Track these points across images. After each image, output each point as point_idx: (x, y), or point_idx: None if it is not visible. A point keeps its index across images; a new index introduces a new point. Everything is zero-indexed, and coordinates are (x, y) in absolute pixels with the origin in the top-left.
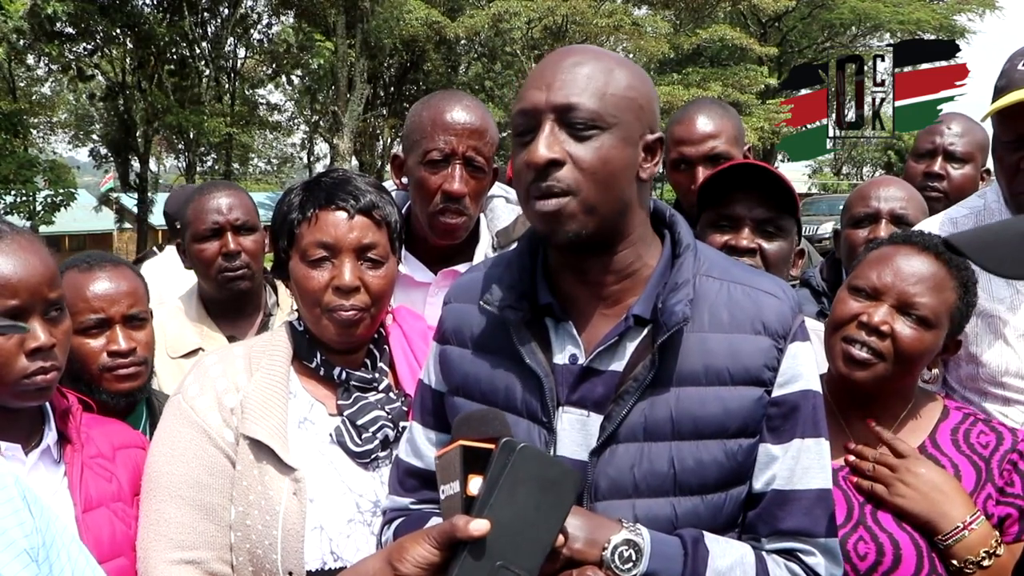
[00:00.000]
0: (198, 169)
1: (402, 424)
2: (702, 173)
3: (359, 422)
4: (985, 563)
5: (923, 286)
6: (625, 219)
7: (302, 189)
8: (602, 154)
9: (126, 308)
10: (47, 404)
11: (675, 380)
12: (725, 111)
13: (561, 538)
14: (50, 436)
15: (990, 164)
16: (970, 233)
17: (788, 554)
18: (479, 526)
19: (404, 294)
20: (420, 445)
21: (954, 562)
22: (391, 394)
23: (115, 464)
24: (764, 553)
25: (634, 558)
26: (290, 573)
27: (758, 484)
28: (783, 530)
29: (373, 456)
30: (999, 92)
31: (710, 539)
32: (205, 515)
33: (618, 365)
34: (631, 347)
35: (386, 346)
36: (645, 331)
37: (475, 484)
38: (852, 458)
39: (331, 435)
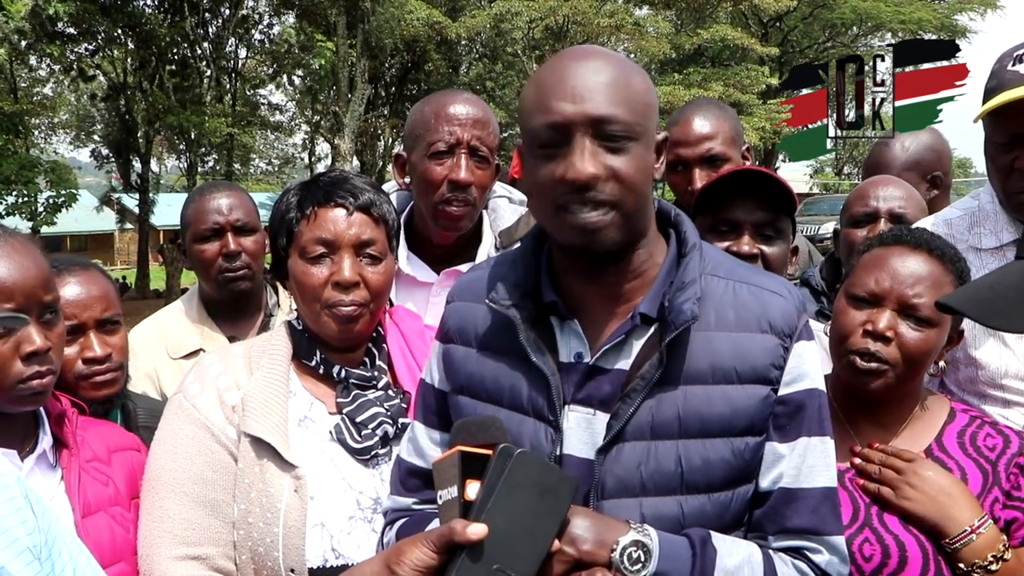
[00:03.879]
0: (199, 170)
1: (401, 421)
2: (698, 174)
3: (358, 419)
4: (992, 567)
5: (922, 286)
6: (645, 222)
7: (300, 188)
8: (637, 164)
9: (99, 313)
10: (42, 408)
11: (682, 379)
12: (722, 111)
13: (558, 542)
14: (45, 441)
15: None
16: (965, 292)
17: (795, 552)
18: (477, 530)
19: (407, 294)
20: (423, 445)
21: (961, 566)
22: (390, 391)
23: (111, 467)
24: (771, 552)
25: (643, 559)
26: (292, 571)
27: (764, 482)
28: (790, 528)
29: (373, 453)
30: (990, 93)
31: (717, 538)
32: (209, 511)
33: (624, 363)
34: (637, 345)
35: (384, 344)
36: (651, 330)
37: (473, 489)
38: (858, 460)
39: (331, 432)
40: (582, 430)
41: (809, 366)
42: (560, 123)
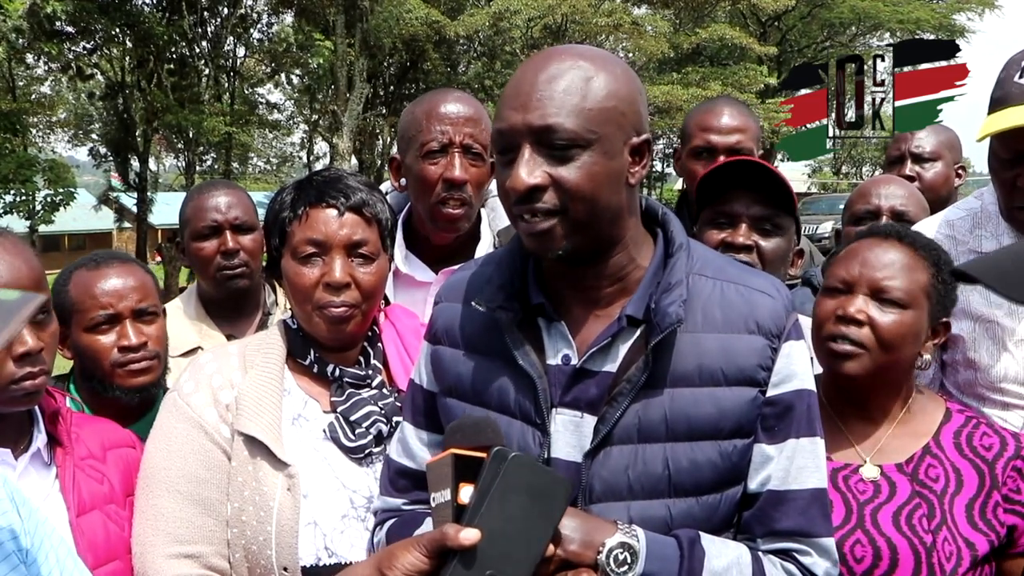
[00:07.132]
0: (197, 168)
1: (395, 419)
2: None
3: (352, 418)
4: None
5: (892, 269)
6: (616, 226)
7: (294, 188)
8: (585, 172)
9: (135, 303)
10: (36, 407)
11: (669, 381)
12: (750, 112)
13: (552, 546)
14: (40, 439)
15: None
16: (984, 261)
17: (784, 554)
18: (470, 535)
19: (406, 294)
20: (412, 445)
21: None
22: (384, 390)
23: (106, 465)
24: (760, 553)
25: (629, 561)
26: (285, 569)
27: (753, 484)
28: (779, 530)
29: (367, 451)
30: (995, 103)
31: (706, 539)
32: (203, 509)
33: (611, 366)
34: (624, 348)
35: (379, 343)
36: (638, 331)
37: (466, 493)
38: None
39: (324, 431)
40: (569, 433)
41: (798, 366)
42: (506, 131)
